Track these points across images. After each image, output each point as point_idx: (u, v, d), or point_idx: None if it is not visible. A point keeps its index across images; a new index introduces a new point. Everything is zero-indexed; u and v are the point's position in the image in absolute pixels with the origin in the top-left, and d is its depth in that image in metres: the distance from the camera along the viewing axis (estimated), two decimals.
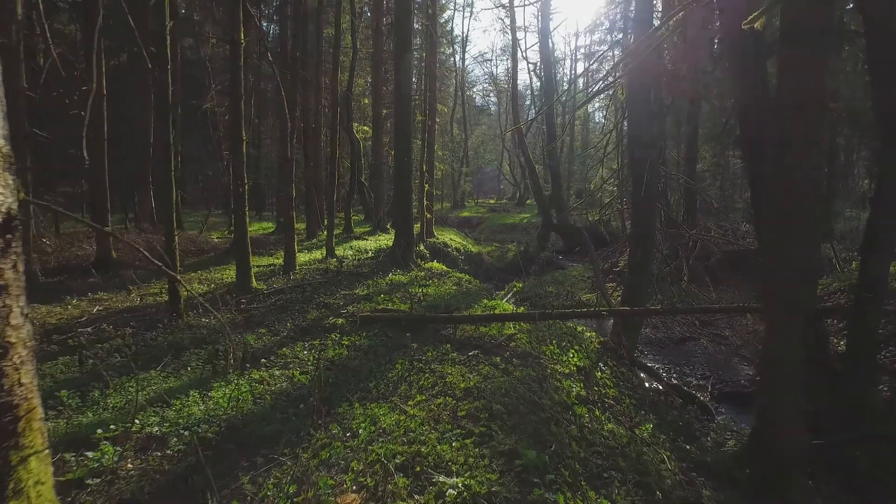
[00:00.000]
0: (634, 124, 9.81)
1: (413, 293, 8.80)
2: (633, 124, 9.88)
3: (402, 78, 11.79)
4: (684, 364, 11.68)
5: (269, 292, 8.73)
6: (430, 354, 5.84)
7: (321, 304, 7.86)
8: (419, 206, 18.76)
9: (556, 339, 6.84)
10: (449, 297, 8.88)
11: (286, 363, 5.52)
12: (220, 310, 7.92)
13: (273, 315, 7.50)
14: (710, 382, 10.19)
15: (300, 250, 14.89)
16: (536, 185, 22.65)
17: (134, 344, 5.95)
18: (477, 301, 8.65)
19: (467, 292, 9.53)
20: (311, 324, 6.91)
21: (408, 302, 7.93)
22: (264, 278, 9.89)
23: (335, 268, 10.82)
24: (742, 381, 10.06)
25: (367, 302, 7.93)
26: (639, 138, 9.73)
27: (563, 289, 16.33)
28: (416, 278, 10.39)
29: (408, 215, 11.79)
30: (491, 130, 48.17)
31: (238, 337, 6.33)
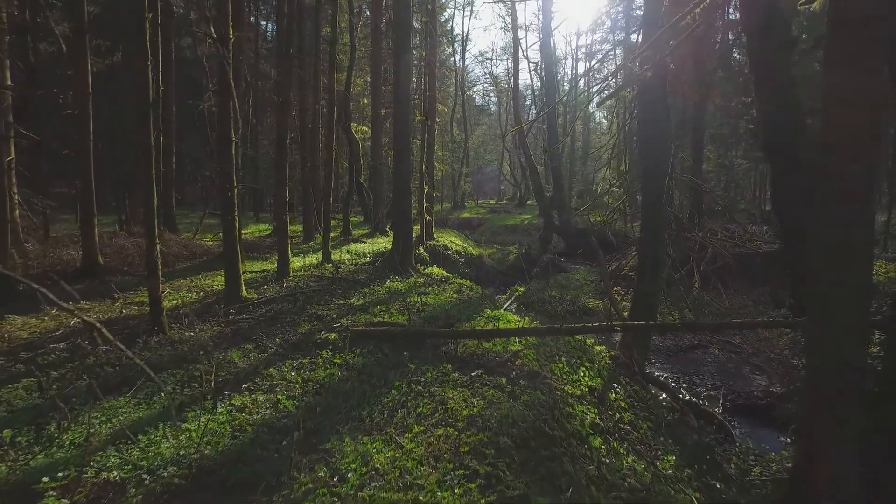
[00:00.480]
0: (645, 124, 9.30)
1: (411, 303, 8.29)
2: (644, 124, 9.36)
3: (401, 77, 11.27)
4: (694, 373, 11.18)
5: (260, 301, 8.21)
6: (430, 375, 5.32)
7: (313, 316, 7.34)
8: (419, 207, 18.25)
9: (564, 354, 6.33)
10: (449, 306, 8.36)
11: (272, 386, 5.00)
12: (207, 321, 7.41)
13: (262, 328, 6.98)
14: (722, 393, 9.69)
15: (296, 254, 14.38)
16: (538, 185, 22.13)
17: (107, 363, 5.43)
18: (479, 311, 8.14)
19: (469, 301, 9.02)
20: (302, 339, 6.40)
21: (406, 313, 7.42)
22: (256, 286, 9.37)
23: (331, 274, 10.31)
24: (755, 393, 9.55)
25: (362, 313, 7.41)
26: (649, 139, 9.22)
27: (566, 293, 15.81)
28: (414, 285, 9.88)
29: (406, 218, 11.27)
30: (491, 130, 47.62)
31: (221, 355, 5.82)
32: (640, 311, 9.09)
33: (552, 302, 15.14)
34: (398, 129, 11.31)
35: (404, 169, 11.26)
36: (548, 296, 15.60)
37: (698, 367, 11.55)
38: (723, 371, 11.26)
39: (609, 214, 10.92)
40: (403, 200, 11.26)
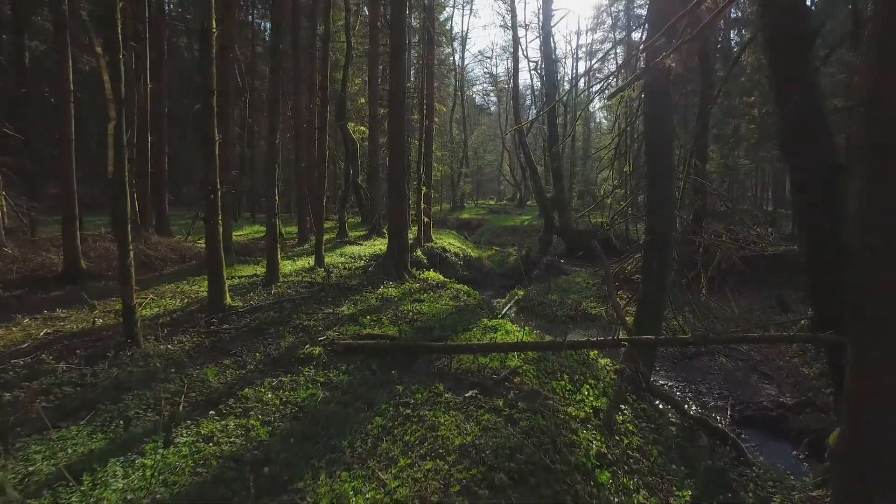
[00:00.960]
0: (650, 123, 8.81)
1: (405, 311, 7.81)
2: (649, 123, 8.88)
3: (397, 75, 10.79)
4: (699, 382, 10.72)
5: (245, 310, 7.73)
6: (420, 396, 4.84)
7: (299, 327, 6.85)
8: (416, 209, 17.76)
9: (566, 370, 5.85)
10: (445, 315, 7.88)
11: (246, 409, 4.52)
12: (187, 332, 6.93)
13: (243, 340, 6.50)
14: (730, 404, 9.23)
15: (290, 257, 13.90)
16: (538, 186, 21.63)
17: (68, 382, 4.95)
18: (476, 320, 7.66)
19: (465, 308, 8.54)
20: (284, 353, 5.92)
21: (398, 324, 6.94)
22: (243, 292, 8.89)
23: (322, 280, 9.82)
24: (764, 403, 9.09)
25: (350, 324, 6.93)
26: (655, 138, 8.73)
27: (567, 297, 15.33)
28: (409, 292, 9.40)
29: (402, 221, 10.78)
30: (491, 130, 47.10)
31: (196, 371, 5.34)
32: (646, 319, 8.61)
33: (553, 306, 14.66)
34: (394, 127, 10.83)
35: (400, 169, 10.78)
36: (548, 300, 15.12)
37: (704, 375, 11.09)
38: (730, 380, 10.79)
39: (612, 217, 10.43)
40: (399, 202, 10.78)
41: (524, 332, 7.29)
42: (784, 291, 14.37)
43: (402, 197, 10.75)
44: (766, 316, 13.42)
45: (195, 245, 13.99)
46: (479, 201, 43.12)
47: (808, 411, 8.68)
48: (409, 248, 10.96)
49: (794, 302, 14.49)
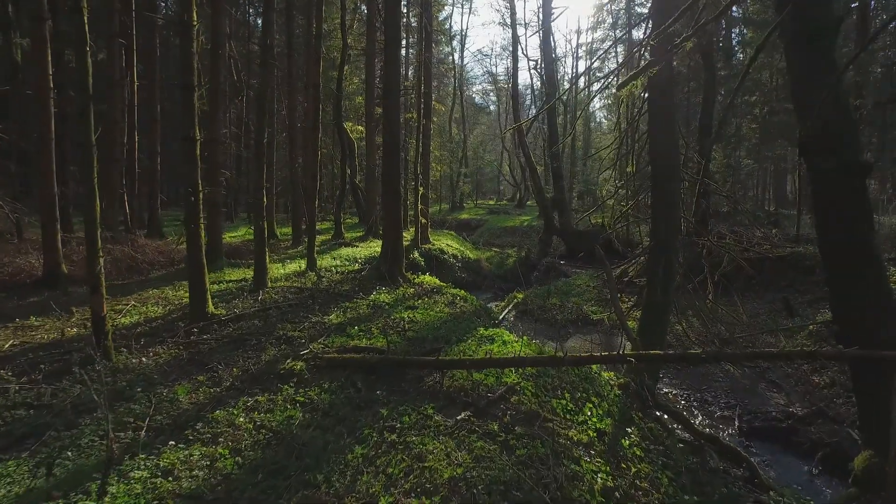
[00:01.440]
0: (655, 120, 8.36)
1: (396, 320, 7.35)
2: (654, 120, 8.42)
3: (391, 70, 10.33)
4: (705, 390, 10.28)
5: (228, 319, 7.27)
6: (408, 419, 4.38)
7: (282, 338, 6.40)
8: (414, 209, 17.30)
9: (567, 386, 5.39)
10: (439, 323, 7.42)
11: (215, 435, 4.06)
12: (165, 343, 6.48)
13: (223, 352, 6.05)
14: (737, 414, 8.78)
15: (282, 259, 13.46)
16: (538, 186, 21.17)
17: (22, 403, 4.50)
18: (472, 329, 7.20)
19: (461, 316, 8.08)
20: (264, 368, 5.46)
21: (388, 334, 6.48)
22: (228, 299, 8.43)
23: (312, 285, 9.37)
24: (773, 414, 8.62)
25: (337, 335, 6.46)
26: (660, 136, 8.28)
27: (568, 300, 14.86)
28: (403, 298, 8.95)
29: (396, 222, 10.33)
30: (490, 130, 46.60)
31: (165, 390, 4.88)
32: (651, 325, 8.16)
33: (553, 310, 14.20)
34: (388, 124, 10.36)
35: (394, 167, 10.32)
36: (548, 303, 14.66)
37: (709, 382, 10.64)
38: (736, 387, 10.34)
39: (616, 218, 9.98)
40: (393, 202, 10.33)
41: (522, 342, 6.84)
42: (789, 294, 13.92)
43: (397, 197, 10.29)
44: (772, 321, 12.97)
45: (183, 248, 13.53)
46: (478, 202, 42.65)
47: (820, 422, 8.23)
48: (403, 250, 10.51)
49: (800, 305, 14.03)
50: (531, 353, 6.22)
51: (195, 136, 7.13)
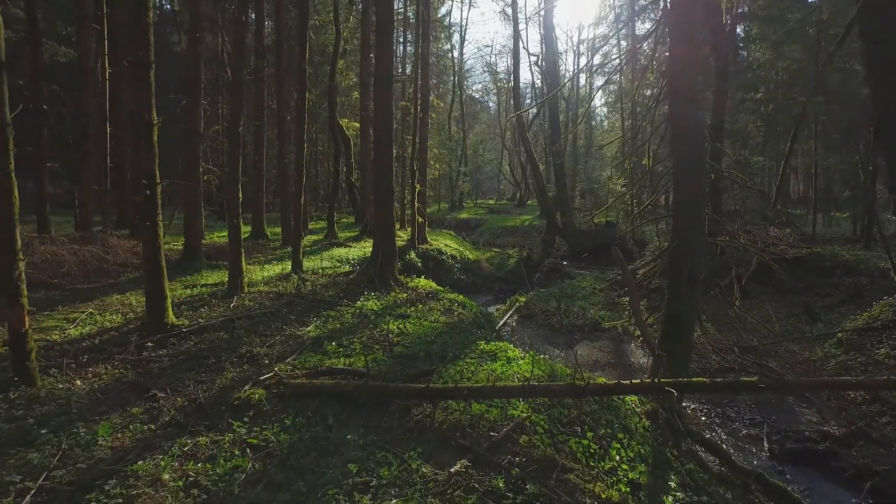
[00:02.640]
0: (677, 106, 7.30)
1: (384, 332, 6.29)
2: (676, 106, 7.37)
3: (384, 55, 9.27)
4: (727, 405, 9.23)
5: (190, 330, 6.22)
6: (387, 472, 3.32)
7: (246, 356, 5.33)
8: (411, 208, 16.25)
9: (587, 419, 4.33)
10: (434, 335, 6.36)
11: (127, 500, 3.01)
12: (112, 360, 5.42)
13: (173, 374, 4.99)
14: (765, 432, 7.72)
15: (268, 260, 12.41)
16: (540, 184, 20.09)
17: None
18: (471, 343, 6.13)
19: (459, 326, 7.02)
20: (217, 396, 4.40)
21: (373, 350, 5.43)
22: (197, 306, 7.38)
23: (293, 290, 8.31)
24: (806, 433, 7.56)
25: (311, 353, 5.39)
26: (683, 124, 7.23)
27: (573, 304, 13.80)
28: (394, 304, 7.89)
29: (387, 222, 9.28)
30: (491, 129, 45.50)
31: (85, 428, 3.82)
32: (674, 337, 7.11)
33: (557, 314, 13.15)
34: (380, 115, 9.32)
35: (386, 162, 9.27)
36: (551, 307, 13.60)
37: (732, 397, 9.58)
38: (760, 401, 9.29)
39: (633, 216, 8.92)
40: (384, 199, 9.27)
41: (530, 358, 5.78)
42: (809, 298, 12.87)
43: (389, 193, 9.23)
44: (793, 327, 11.93)
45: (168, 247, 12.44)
46: (478, 201, 41.55)
47: (863, 444, 7.17)
48: (396, 252, 9.45)
49: (821, 310, 12.98)
50: (541, 374, 5.17)
51: (152, 120, 6.08)
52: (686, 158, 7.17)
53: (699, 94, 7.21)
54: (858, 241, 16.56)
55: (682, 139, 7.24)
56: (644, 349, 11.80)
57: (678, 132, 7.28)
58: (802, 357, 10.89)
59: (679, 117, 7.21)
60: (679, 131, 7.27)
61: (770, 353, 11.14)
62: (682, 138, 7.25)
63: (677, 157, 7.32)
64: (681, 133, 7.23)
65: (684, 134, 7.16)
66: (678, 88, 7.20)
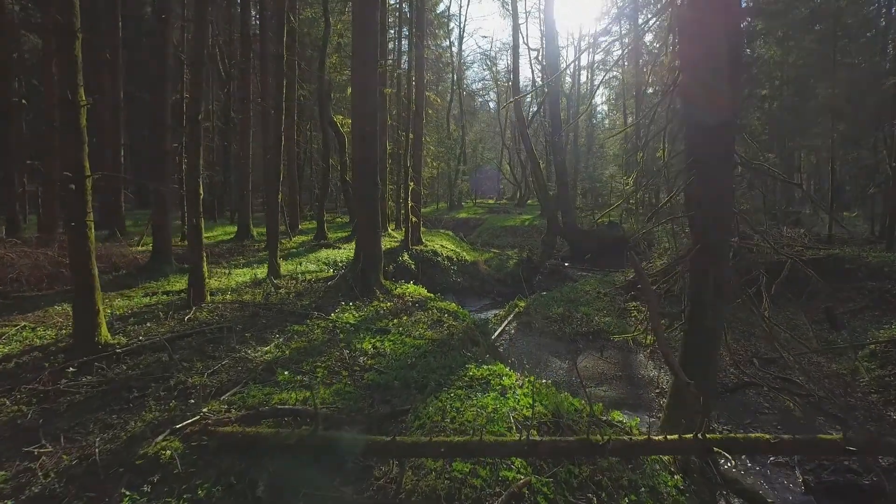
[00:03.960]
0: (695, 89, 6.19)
1: (356, 352, 5.20)
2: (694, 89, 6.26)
3: (365, 33, 8.14)
4: (749, 425, 8.13)
5: (127, 350, 5.12)
6: None
7: (179, 388, 4.23)
8: (404, 207, 15.17)
9: (603, 480, 3.24)
10: (416, 356, 5.26)
11: None
12: (14, 392, 4.33)
13: (81, 412, 3.91)
14: (797, 460, 6.62)
15: (249, 263, 11.33)
16: (541, 181, 18.95)
17: None
18: (459, 368, 5.03)
19: (447, 343, 5.91)
20: (120, 450, 3.31)
21: (340, 377, 4.33)
22: (146, 319, 6.28)
23: (262, 299, 7.22)
24: (845, 462, 6.45)
25: (258, 385, 4.28)
26: (708, 108, 6.11)
27: (576, 309, 12.69)
28: (375, 315, 6.80)
29: (372, 221, 8.18)
30: (490, 128, 44.32)
31: None
32: (698, 356, 6.00)
33: (560, 321, 12.05)
34: (360, 102, 8.21)
35: (370, 157, 8.17)
36: (553, 313, 12.50)
37: (753, 414, 8.48)
38: (787, 421, 8.18)
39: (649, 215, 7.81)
40: (367, 196, 8.17)
41: (528, 386, 4.68)
42: (830, 303, 11.76)
43: (373, 189, 8.13)
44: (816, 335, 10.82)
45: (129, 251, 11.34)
46: (477, 200, 40.40)
47: None
48: (381, 255, 8.35)
49: (843, 316, 11.86)
50: (544, 410, 4.07)
51: (78, 100, 4.99)
52: (709, 146, 6.05)
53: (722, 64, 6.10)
54: (878, 242, 15.42)
55: (704, 124, 6.13)
56: (655, 360, 10.68)
57: (700, 116, 6.16)
58: (830, 370, 9.76)
59: (700, 96, 6.09)
60: (701, 114, 6.15)
61: (795, 366, 10.03)
62: (704, 123, 6.13)
63: (698, 146, 6.20)
64: (703, 117, 6.12)
65: (707, 117, 6.05)
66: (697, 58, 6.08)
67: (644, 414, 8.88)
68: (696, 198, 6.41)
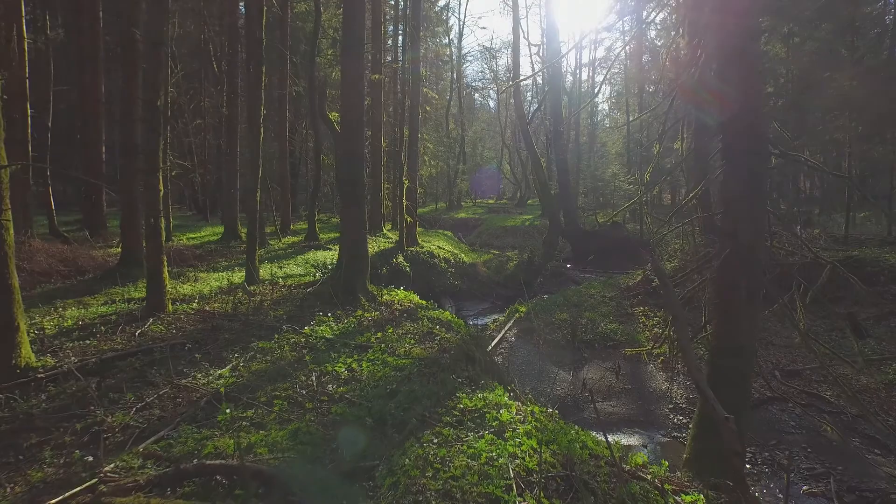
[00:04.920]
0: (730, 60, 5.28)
1: (327, 376, 4.29)
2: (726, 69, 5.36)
3: (353, 17, 7.26)
4: (775, 447, 7.22)
5: (50, 376, 4.22)
6: None
7: (91, 431, 3.32)
8: (399, 206, 14.27)
9: None
10: (397, 381, 4.35)
11: None
12: None
13: None
14: (832, 490, 5.74)
15: (230, 266, 10.42)
16: (542, 180, 18.03)
17: None
18: (449, 396, 4.12)
19: (437, 363, 4.99)
20: None
21: (302, 411, 3.43)
22: (92, 333, 5.38)
23: (232, 308, 6.32)
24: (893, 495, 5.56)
25: (192, 427, 3.37)
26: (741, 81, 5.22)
27: (580, 314, 11.76)
28: (357, 328, 5.89)
29: (356, 223, 7.27)
30: (490, 127, 43.38)
31: None
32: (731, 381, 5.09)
33: (563, 327, 11.13)
34: (347, 91, 7.32)
35: (354, 148, 7.27)
36: (556, 318, 11.59)
37: (778, 434, 7.56)
38: (817, 443, 7.25)
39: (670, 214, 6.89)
40: (352, 196, 7.26)
41: (532, 421, 3.77)
42: (852, 309, 10.83)
43: (357, 187, 7.22)
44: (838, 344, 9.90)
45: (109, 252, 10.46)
46: (477, 200, 39.48)
47: None
48: (367, 259, 7.44)
49: (866, 323, 10.92)
50: (552, 460, 3.16)
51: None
52: (740, 129, 5.14)
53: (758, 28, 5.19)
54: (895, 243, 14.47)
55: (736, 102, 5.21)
56: (666, 372, 9.77)
57: (729, 95, 5.25)
58: (860, 383, 8.80)
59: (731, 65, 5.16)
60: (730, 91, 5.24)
61: (819, 378, 9.10)
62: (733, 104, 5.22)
63: (727, 131, 5.29)
64: (733, 99, 5.21)
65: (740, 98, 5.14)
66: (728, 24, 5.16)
67: (658, 432, 7.96)
68: (726, 195, 5.52)
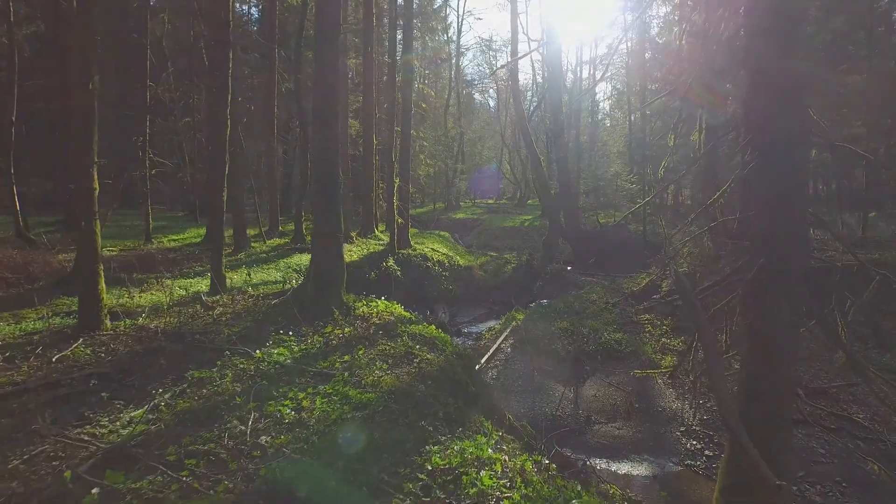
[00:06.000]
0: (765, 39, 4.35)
1: (268, 420, 3.37)
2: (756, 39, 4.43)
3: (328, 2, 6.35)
4: (803, 480, 6.38)
5: None
6: None
7: None
8: (389, 206, 13.36)
9: None
10: (357, 423, 3.44)
11: None
12: None
13: None
14: None
15: (204, 272, 9.52)
16: (542, 179, 17.07)
17: None
18: (417, 452, 3.21)
19: (410, 396, 4.06)
20: None
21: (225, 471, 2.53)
22: (10, 357, 4.48)
23: (179, 324, 5.40)
24: None
25: None
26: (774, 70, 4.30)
27: (582, 323, 10.84)
28: (321, 349, 4.97)
29: (330, 227, 6.35)
30: (489, 126, 42.40)
31: None
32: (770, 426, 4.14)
33: (563, 337, 10.21)
34: (322, 79, 6.40)
35: (329, 141, 6.37)
36: (557, 327, 10.66)
37: (807, 464, 6.67)
38: (851, 475, 6.34)
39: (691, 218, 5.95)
40: (326, 197, 6.34)
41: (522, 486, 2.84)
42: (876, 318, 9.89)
43: (332, 184, 6.30)
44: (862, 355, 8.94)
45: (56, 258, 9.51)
46: (476, 200, 38.52)
47: None
48: (342, 267, 6.50)
49: (891, 333, 9.99)
50: None
51: None
52: (776, 115, 4.21)
53: None
54: None
55: (769, 90, 4.29)
56: (676, 389, 8.82)
57: (762, 78, 4.32)
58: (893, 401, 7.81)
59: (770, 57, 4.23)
60: (762, 75, 4.31)
61: (849, 397, 8.16)
62: (769, 88, 4.29)
63: (761, 121, 4.35)
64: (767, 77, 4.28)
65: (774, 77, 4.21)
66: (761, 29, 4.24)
67: (669, 459, 7.02)
68: (754, 195, 4.58)
